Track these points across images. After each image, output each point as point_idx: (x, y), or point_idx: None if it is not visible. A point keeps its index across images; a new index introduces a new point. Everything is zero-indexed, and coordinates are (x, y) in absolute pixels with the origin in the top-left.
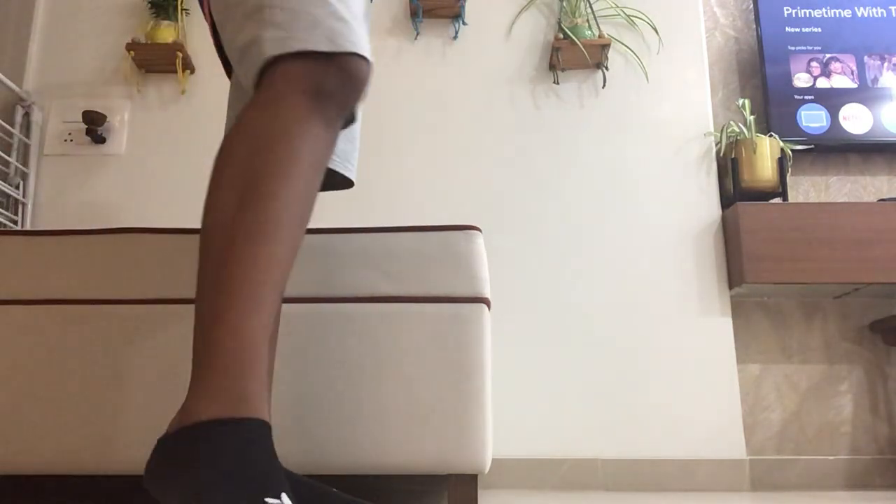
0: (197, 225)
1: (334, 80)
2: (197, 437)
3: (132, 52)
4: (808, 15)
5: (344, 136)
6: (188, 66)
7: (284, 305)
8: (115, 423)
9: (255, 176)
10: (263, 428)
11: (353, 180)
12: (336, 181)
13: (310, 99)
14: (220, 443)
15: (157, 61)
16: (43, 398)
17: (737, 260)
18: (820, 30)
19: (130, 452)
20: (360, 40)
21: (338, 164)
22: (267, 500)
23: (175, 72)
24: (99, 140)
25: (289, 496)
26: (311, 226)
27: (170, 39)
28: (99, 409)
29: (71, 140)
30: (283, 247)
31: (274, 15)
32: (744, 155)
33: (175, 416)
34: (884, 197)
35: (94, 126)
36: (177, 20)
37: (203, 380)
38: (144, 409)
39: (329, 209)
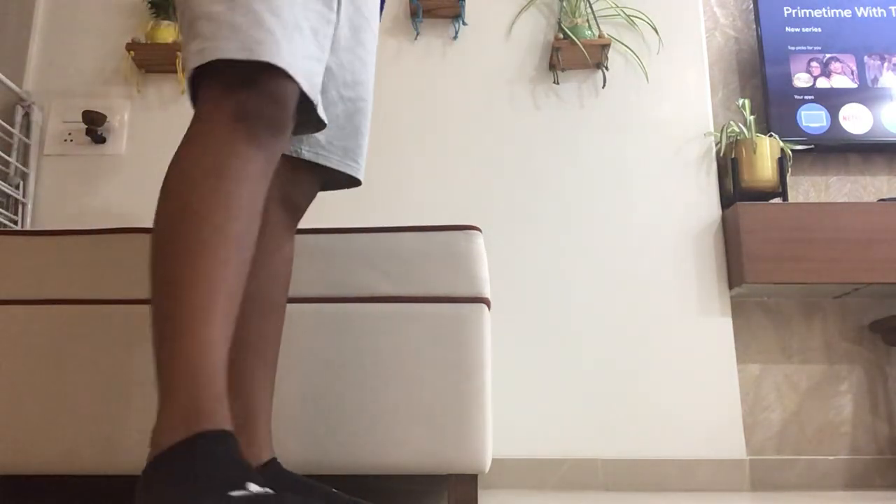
0: None
1: (255, 99)
2: (160, 466)
3: (132, 52)
4: (808, 15)
5: (345, 133)
6: None
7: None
8: (115, 423)
9: (186, 205)
10: (219, 436)
11: (360, 178)
12: (341, 180)
13: (233, 121)
14: (179, 466)
15: (157, 61)
16: (43, 398)
17: (737, 260)
18: (820, 30)
19: (130, 452)
20: (284, 52)
21: (337, 163)
22: (231, 493)
23: (175, 72)
24: (99, 140)
25: (258, 483)
26: (311, 226)
27: (170, 39)
28: (99, 409)
29: (71, 140)
30: (220, 267)
31: (201, 27)
32: (744, 155)
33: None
34: (884, 197)
35: (94, 126)
36: (177, 20)
37: (161, 406)
38: (144, 409)
39: (329, 209)
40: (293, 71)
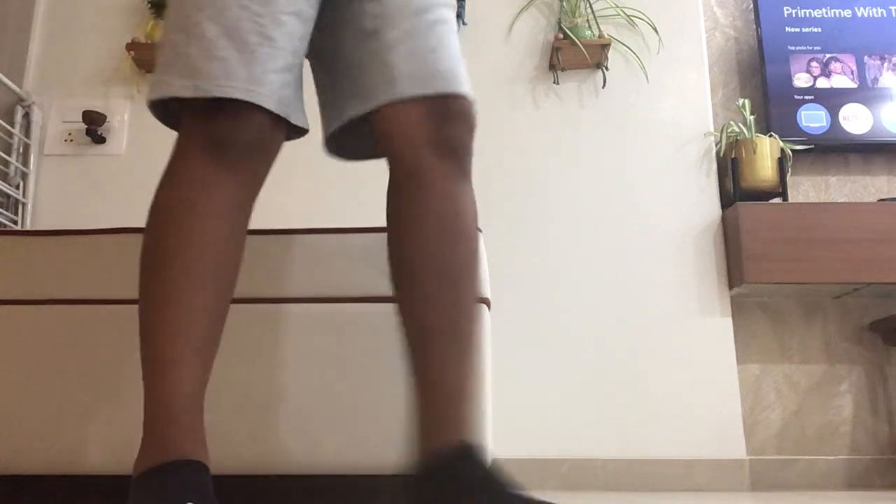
0: None
1: (222, 127)
2: (133, 488)
3: (132, 52)
4: (808, 15)
5: (435, 57)
6: None
7: (285, 305)
8: (115, 423)
9: (155, 246)
10: (177, 466)
11: (459, 91)
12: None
13: (202, 151)
14: (140, 490)
15: None
16: (43, 398)
17: (737, 260)
18: (820, 30)
19: (130, 452)
20: (240, 77)
21: (443, 86)
22: None
23: None
24: (99, 140)
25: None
26: (312, 226)
27: None
28: (99, 409)
29: (71, 140)
30: (191, 309)
31: (163, 55)
32: (744, 155)
33: None
34: (884, 197)
35: (94, 126)
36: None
37: (142, 438)
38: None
39: (329, 209)
40: (252, 96)
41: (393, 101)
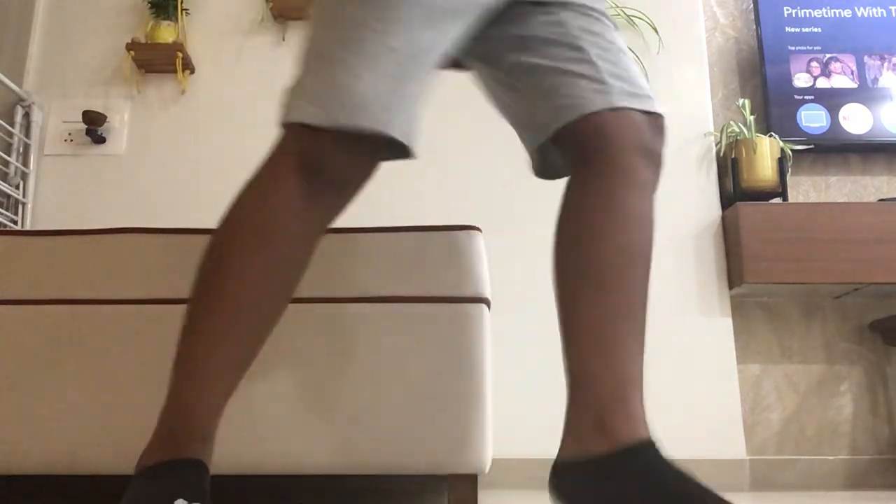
0: (196, 224)
1: (327, 155)
2: (135, 481)
3: (132, 52)
4: (808, 15)
5: (611, 61)
6: (188, 66)
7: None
8: (115, 424)
9: (221, 255)
10: (181, 464)
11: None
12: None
13: (295, 171)
14: (141, 484)
15: (157, 61)
16: (43, 398)
17: (737, 260)
18: (820, 30)
19: (130, 452)
20: (374, 109)
21: (620, 97)
22: None
23: (175, 72)
24: (99, 140)
25: (194, 500)
26: None
27: (170, 39)
28: (99, 410)
29: (71, 140)
30: (240, 325)
31: (303, 76)
32: (744, 155)
33: None
34: (884, 197)
35: (94, 126)
36: (177, 20)
37: (153, 434)
38: (144, 410)
39: None
40: (384, 126)
41: (611, 108)
